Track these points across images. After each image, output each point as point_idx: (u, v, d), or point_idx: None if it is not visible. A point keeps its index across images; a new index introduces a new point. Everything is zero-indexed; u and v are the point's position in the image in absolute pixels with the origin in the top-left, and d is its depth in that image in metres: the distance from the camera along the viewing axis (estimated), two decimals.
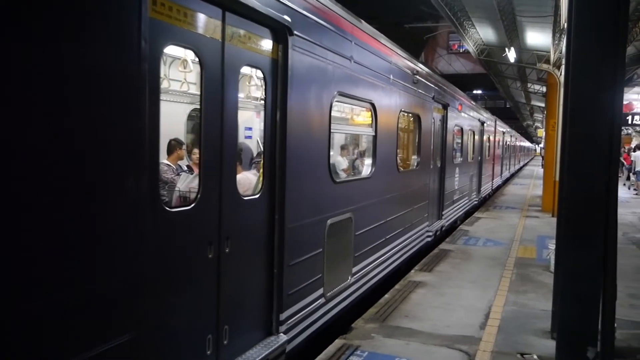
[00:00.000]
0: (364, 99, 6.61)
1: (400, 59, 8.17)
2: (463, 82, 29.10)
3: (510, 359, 5.23)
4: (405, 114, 8.90)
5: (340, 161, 8.53)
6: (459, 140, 14.27)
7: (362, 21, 6.50)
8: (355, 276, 6.37)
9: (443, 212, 11.86)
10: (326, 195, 5.50)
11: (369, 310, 6.55)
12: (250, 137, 7.46)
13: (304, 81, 4.87)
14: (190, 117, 7.33)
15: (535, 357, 5.28)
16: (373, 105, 6.82)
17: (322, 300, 5.43)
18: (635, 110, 24.51)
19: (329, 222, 5.48)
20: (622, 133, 21.97)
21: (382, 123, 7.11)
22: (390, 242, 7.84)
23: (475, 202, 17.52)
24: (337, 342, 5.48)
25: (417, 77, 8.98)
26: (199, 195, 3.64)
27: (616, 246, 3.89)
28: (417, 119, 9.46)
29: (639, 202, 18.63)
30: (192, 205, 3.62)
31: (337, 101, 5.74)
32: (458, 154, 14.04)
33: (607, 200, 3.80)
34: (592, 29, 3.91)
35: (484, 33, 18.32)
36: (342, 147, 9.07)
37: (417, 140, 9.61)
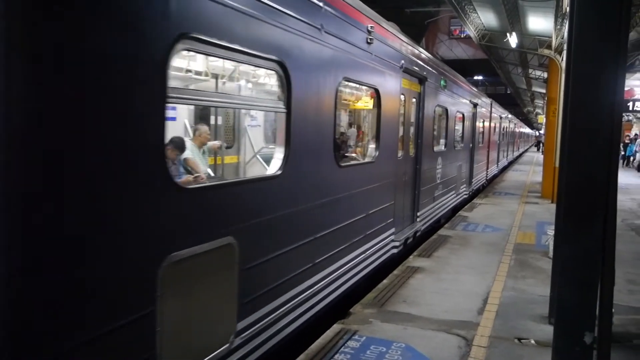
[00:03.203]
0: (264, 56, 4.21)
1: (342, 3, 5.68)
2: (464, 68, 28.98)
3: (507, 344, 5.26)
4: (352, 86, 7.58)
5: (190, 153, 6.61)
6: (443, 124, 12.02)
7: None
8: (243, 336, 4.10)
9: (418, 214, 9.58)
10: (160, 214, 3.22)
11: (367, 295, 6.57)
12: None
13: None
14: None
15: (532, 342, 5.31)
16: (284, 67, 4.43)
17: None
18: (636, 97, 24.46)
19: (169, 259, 3.24)
20: (623, 120, 21.89)
21: (302, 96, 4.83)
22: (316, 271, 5.39)
23: (466, 196, 15.37)
24: (335, 327, 5.50)
25: (374, 36, 6.57)
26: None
27: (615, 232, 3.88)
28: (376, 94, 7.16)
29: (639, 189, 18.64)
30: None
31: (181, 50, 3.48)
32: (441, 141, 11.91)
33: (607, 186, 3.79)
34: (595, 14, 3.86)
35: (486, 18, 18.20)
36: (196, 129, 7.12)
37: (375, 122, 7.32)
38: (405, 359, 4.83)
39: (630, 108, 23.45)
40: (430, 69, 9.88)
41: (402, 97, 8.23)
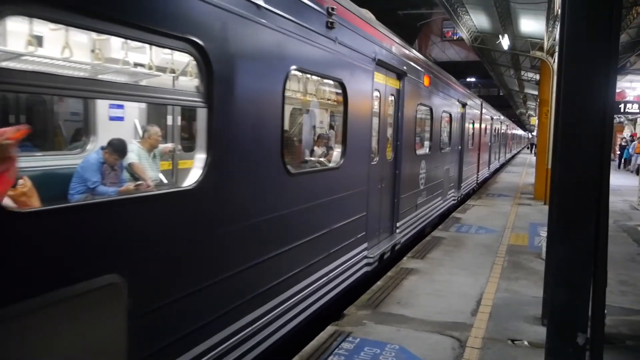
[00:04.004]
0: (177, 34, 3.33)
1: None
2: (457, 70, 29.10)
3: (501, 345, 5.27)
4: (306, 78, 6.83)
5: (136, 158, 6.07)
6: (427, 125, 11.08)
7: None
8: None
9: (398, 224, 8.59)
10: None
11: (361, 297, 6.56)
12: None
13: None
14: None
15: (525, 343, 5.32)
16: (202, 50, 3.51)
17: None
18: (627, 99, 24.60)
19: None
20: (614, 121, 22.05)
21: (230, 88, 3.87)
22: (255, 306, 4.33)
23: (454, 201, 14.59)
24: (329, 329, 5.49)
25: (337, 20, 5.60)
26: None
27: (607, 234, 3.90)
28: (342, 89, 6.09)
29: (631, 190, 18.73)
30: None
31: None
32: (426, 143, 11.01)
33: (599, 187, 3.81)
34: (586, 16, 3.88)
35: (478, 20, 18.30)
36: (145, 131, 6.39)
37: (342, 121, 6.28)
38: None
39: (622, 110, 23.59)
40: (411, 63, 8.95)
41: (376, 93, 7.28)
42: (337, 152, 6.35)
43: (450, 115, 13.25)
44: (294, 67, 4.82)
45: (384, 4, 23.30)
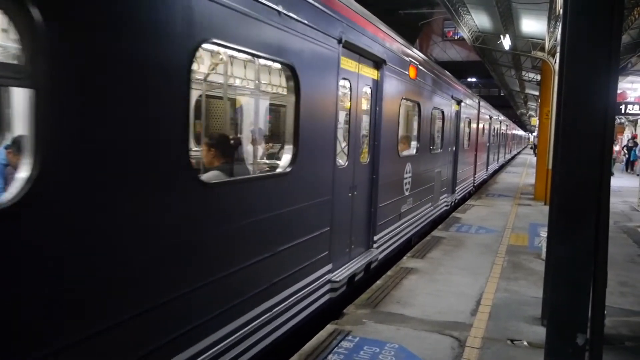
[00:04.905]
0: None
1: None
2: (458, 70, 29.07)
3: (500, 345, 5.27)
4: (227, 56, 5.49)
5: None
6: (415, 123, 9.90)
7: None
8: None
9: (376, 238, 7.38)
10: None
11: (361, 296, 6.56)
12: None
13: None
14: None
15: (525, 343, 5.32)
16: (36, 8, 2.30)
17: None
18: (628, 100, 24.61)
19: None
20: (615, 122, 22.02)
21: (92, 63, 2.66)
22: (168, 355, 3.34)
23: (447, 207, 13.32)
24: (329, 328, 5.50)
25: None
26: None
27: (607, 234, 3.90)
28: (292, 75, 4.73)
29: (631, 191, 18.74)
30: None
31: None
32: (413, 143, 9.82)
33: (599, 188, 3.81)
34: (587, 17, 3.88)
35: (479, 20, 18.30)
36: None
37: (293, 115, 4.84)
38: (399, 359, 4.84)
39: (623, 111, 23.59)
40: (393, 50, 7.66)
41: (344, 82, 6.13)
42: (287, 155, 4.85)
43: (443, 112, 12.11)
44: (206, 38, 3.53)
45: (385, 3, 23.33)
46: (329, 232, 5.73)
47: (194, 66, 3.48)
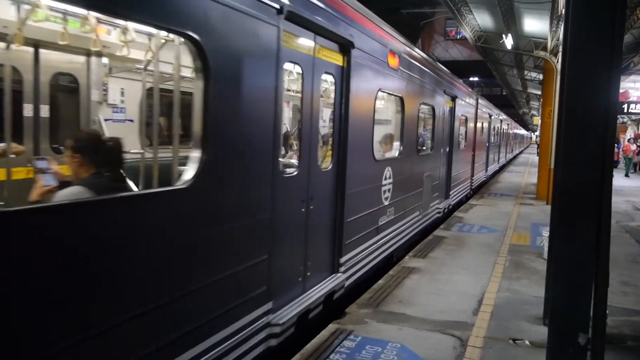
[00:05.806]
0: None
1: None
2: (460, 69, 29.05)
3: (502, 344, 5.27)
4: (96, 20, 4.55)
5: None
6: (396, 121, 8.58)
7: None
8: None
9: (342, 260, 6.03)
10: None
11: (363, 295, 6.57)
12: None
13: None
14: None
15: (527, 342, 5.32)
16: None
17: None
18: (631, 99, 24.56)
19: None
20: (618, 122, 22.04)
21: None
22: None
23: (439, 214, 11.88)
24: (331, 327, 5.50)
25: None
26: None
27: (609, 234, 3.90)
28: (196, 50, 3.39)
29: (633, 191, 18.71)
30: None
31: None
32: (396, 145, 8.51)
33: (601, 187, 3.81)
34: (590, 17, 3.88)
35: (481, 19, 18.28)
36: None
37: (202, 109, 3.49)
38: (401, 359, 4.83)
39: (625, 110, 23.57)
40: (365, 30, 6.33)
41: (288, 66, 5.23)
42: (192, 164, 3.49)
43: (434, 109, 10.62)
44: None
45: (387, 3, 23.32)
46: (267, 261, 4.38)
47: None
